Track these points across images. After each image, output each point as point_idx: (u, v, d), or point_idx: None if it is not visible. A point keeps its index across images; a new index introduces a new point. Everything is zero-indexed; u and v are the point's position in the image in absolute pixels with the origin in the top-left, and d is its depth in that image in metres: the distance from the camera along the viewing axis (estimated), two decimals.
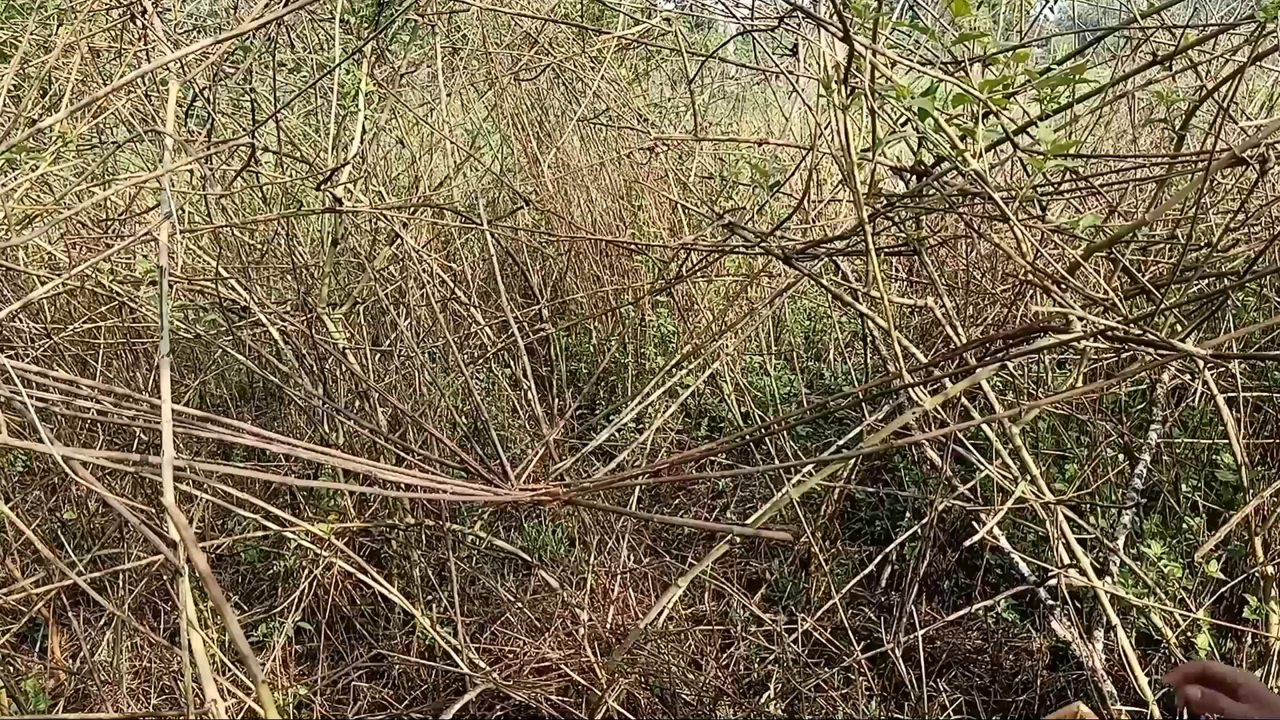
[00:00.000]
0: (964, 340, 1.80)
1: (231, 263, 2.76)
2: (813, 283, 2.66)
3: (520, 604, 2.61)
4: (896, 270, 3.57)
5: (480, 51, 3.80)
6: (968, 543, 2.36)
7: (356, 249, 2.91)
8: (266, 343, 2.63)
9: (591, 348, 4.01)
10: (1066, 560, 1.74)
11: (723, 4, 2.28)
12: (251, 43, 2.92)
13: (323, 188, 2.19)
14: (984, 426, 1.85)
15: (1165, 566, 1.96)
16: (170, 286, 1.55)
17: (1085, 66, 1.55)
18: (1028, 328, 1.56)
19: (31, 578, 2.35)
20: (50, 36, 2.59)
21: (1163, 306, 1.42)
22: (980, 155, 1.48)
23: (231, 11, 3.43)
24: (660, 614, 2.33)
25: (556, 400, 3.67)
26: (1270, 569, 1.87)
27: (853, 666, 2.24)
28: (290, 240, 2.78)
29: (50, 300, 2.84)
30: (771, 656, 2.36)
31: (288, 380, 2.53)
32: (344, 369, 2.63)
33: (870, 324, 1.98)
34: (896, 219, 1.96)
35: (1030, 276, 1.51)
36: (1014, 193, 1.57)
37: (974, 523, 2.21)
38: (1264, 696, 1.08)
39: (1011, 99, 1.54)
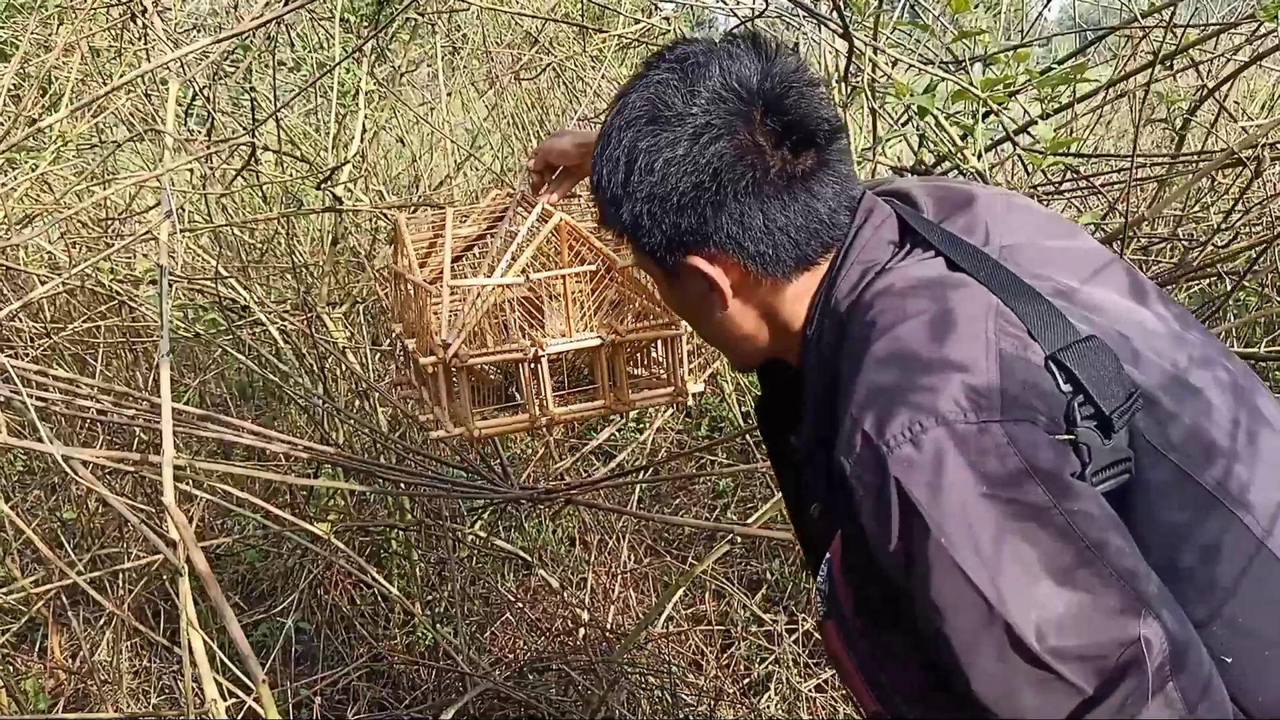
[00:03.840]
0: None
1: (231, 262, 2.75)
2: None
3: (520, 604, 2.60)
4: None
5: (480, 50, 3.79)
6: None
7: (356, 248, 2.91)
8: (266, 342, 2.63)
9: None
10: None
11: (723, 1, 2.28)
12: (251, 41, 2.92)
13: (323, 187, 2.19)
14: None
15: None
16: (170, 285, 1.55)
17: (1086, 65, 1.55)
18: None
19: (31, 577, 2.35)
20: (50, 36, 2.58)
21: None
22: (980, 154, 1.48)
23: (231, 10, 3.43)
24: (661, 615, 2.33)
25: None
26: None
27: None
28: (290, 239, 2.78)
29: (50, 299, 2.83)
30: (772, 657, 2.36)
31: (287, 379, 2.53)
32: (344, 368, 2.63)
33: None
34: None
35: None
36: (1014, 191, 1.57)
37: None
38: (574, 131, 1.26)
39: (1012, 98, 1.54)
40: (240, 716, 1.98)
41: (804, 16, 1.87)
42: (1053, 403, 0.74)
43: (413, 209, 2.62)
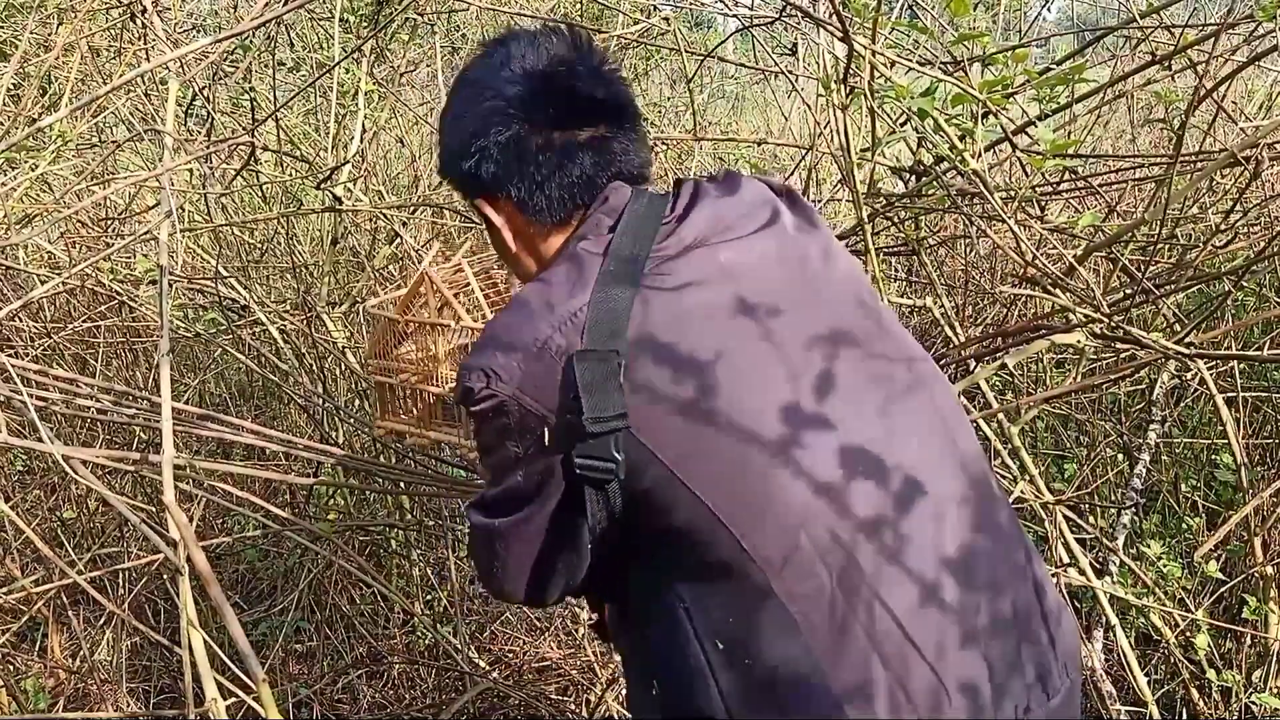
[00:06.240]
0: (963, 340, 1.81)
1: (231, 261, 2.76)
2: None
3: None
4: (896, 270, 3.57)
5: None
6: None
7: (356, 248, 2.91)
8: (266, 342, 2.63)
9: None
10: (1065, 560, 1.74)
11: (723, 1, 2.28)
12: (251, 41, 2.92)
13: (322, 187, 2.19)
14: (982, 424, 1.85)
15: (1164, 566, 1.96)
16: (170, 285, 1.56)
17: (1084, 66, 1.55)
18: (1026, 325, 1.57)
19: (31, 576, 2.35)
20: (50, 35, 2.59)
21: (1134, 296, 1.41)
22: (979, 155, 1.48)
23: (231, 10, 3.43)
24: None
25: None
26: (1269, 569, 1.87)
27: None
28: (290, 239, 2.78)
29: (50, 299, 2.84)
30: None
31: (287, 379, 2.53)
32: (344, 368, 2.63)
33: None
34: (896, 219, 1.96)
35: (1026, 274, 1.51)
36: (1013, 193, 1.57)
37: None
38: None
39: (1010, 99, 1.54)
40: (240, 716, 1.98)
41: (802, 19, 1.87)
42: (548, 392, 0.95)
43: (412, 209, 2.63)
